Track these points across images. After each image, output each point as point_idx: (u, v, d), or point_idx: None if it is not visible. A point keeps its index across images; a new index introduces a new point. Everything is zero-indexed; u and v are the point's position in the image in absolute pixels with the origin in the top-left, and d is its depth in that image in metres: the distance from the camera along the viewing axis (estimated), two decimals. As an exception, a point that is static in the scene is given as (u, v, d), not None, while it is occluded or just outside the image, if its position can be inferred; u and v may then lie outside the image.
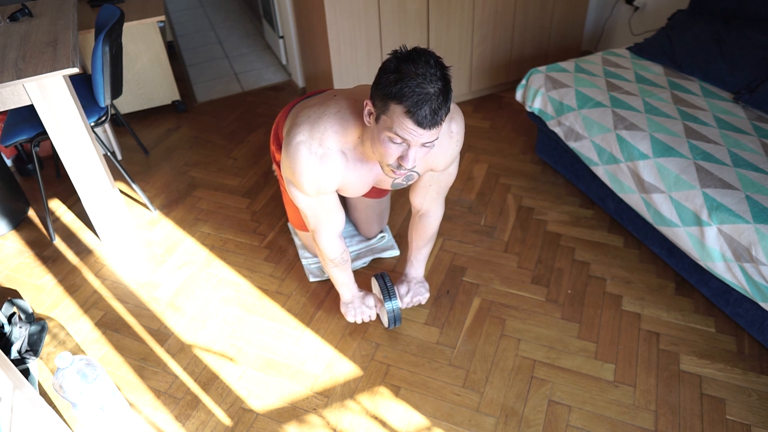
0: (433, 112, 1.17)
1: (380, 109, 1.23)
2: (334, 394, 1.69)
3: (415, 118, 1.17)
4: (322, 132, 1.39)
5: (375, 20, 2.56)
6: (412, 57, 1.17)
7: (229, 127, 3.01)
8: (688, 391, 1.63)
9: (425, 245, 1.81)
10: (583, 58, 2.39)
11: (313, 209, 1.56)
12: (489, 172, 2.55)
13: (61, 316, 1.99)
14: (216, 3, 4.76)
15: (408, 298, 1.85)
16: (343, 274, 1.76)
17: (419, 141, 1.22)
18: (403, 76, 1.16)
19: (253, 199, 2.48)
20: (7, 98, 1.82)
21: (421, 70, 1.16)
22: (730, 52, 2.14)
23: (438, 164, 1.53)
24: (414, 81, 1.15)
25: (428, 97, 1.15)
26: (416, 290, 1.86)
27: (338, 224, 1.62)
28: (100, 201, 2.15)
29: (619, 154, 1.94)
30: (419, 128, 1.19)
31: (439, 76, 1.17)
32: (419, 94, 1.15)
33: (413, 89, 1.15)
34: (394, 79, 1.17)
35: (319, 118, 1.41)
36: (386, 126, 1.22)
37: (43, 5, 2.36)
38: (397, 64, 1.18)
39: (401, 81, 1.16)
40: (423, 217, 1.75)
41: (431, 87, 1.16)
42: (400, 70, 1.17)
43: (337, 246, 1.66)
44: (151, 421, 1.65)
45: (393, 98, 1.18)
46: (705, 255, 1.68)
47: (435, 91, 1.16)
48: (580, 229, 2.21)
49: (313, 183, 1.44)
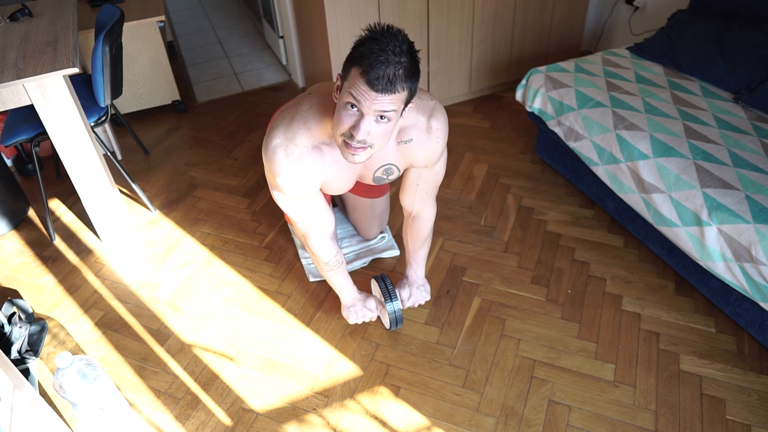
0: (388, 77, 1.16)
1: (344, 75, 1.25)
2: (334, 394, 1.69)
3: (368, 77, 1.17)
4: (295, 131, 1.40)
5: (375, 20, 2.56)
6: (385, 33, 1.20)
7: (229, 127, 3.01)
8: (688, 391, 1.63)
9: (422, 246, 1.80)
10: (583, 58, 2.39)
11: (301, 213, 1.55)
12: (489, 172, 2.55)
13: (61, 316, 1.99)
14: (216, 3, 4.76)
15: (410, 301, 1.84)
16: (339, 278, 1.75)
17: (371, 106, 1.19)
18: (368, 42, 1.19)
19: (253, 199, 2.48)
20: (7, 98, 1.82)
21: (390, 44, 1.17)
22: (730, 52, 2.14)
23: (418, 160, 1.52)
24: (377, 45, 1.17)
25: (386, 60, 1.16)
26: (417, 292, 1.85)
27: (328, 227, 1.61)
28: (100, 201, 2.15)
29: (619, 154, 1.94)
30: (371, 90, 1.17)
31: (405, 51, 1.18)
32: (377, 57, 1.16)
33: (373, 50, 1.17)
34: (360, 43, 1.20)
35: (293, 118, 1.41)
36: (345, 92, 1.23)
37: (43, 5, 2.36)
38: (369, 35, 1.20)
39: (365, 45, 1.19)
40: (415, 218, 1.74)
41: (394, 58, 1.17)
42: (369, 39, 1.19)
43: (329, 249, 1.65)
44: (151, 421, 1.65)
45: (354, 62, 1.20)
46: (705, 255, 1.68)
47: (396, 60, 1.17)
48: (580, 229, 2.21)
49: (294, 185, 1.44)
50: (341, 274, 1.75)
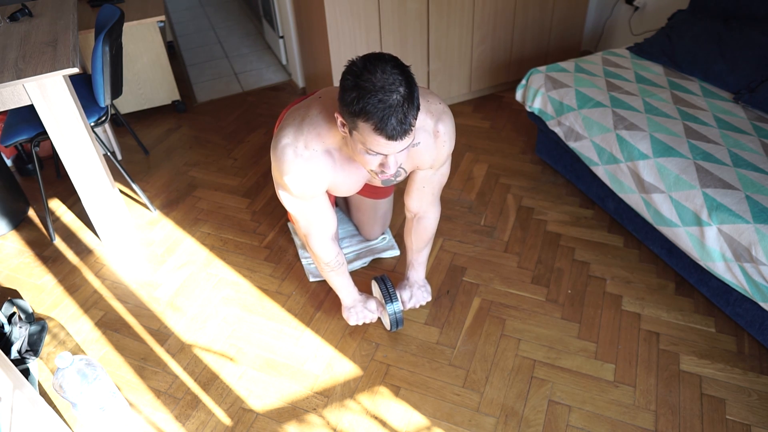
0: (400, 122, 1.15)
1: (350, 124, 1.22)
2: (334, 394, 1.69)
3: (385, 133, 1.16)
4: (306, 134, 1.39)
5: (375, 20, 2.56)
6: (368, 68, 1.15)
7: (229, 127, 3.01)
8: (688, 391, 1.63)
9: (425, 247, 1.80)
10: (583, 58, 2.39)
11: (304, 213, 1.55)
12: (489, 172, 2.55)
13: (61, 316, 1.99)
14: (216, 3, 4.76)
15: (411, 303, 1.83)
16: (340, 278, 1.75)
17: (395, 151, 1.22)
18: (363, 93, 1.14)
19: (253, 199, 2.48)
20: (7, 98, 1.82)
21: (380, 80, 1.14)
22: (730, 52, 2.14)
23: (424, 162, 1.52)
24: (375, 96, 1.13)
25: (392, 109, 1.14)
26: (419, 293, 1.84)
27: (330, 228, 1.61)
28: (100, 201, 2.15)
29: (619, 154, 1.94)
30: (391, 141, 1.18)
31: (400, 81, 1.15)
32: (383, 109, 1.13)
33: (375, 105, 1.13)
34: (356, 97, 1.15)
35: (303, 120, 1.41)
36: (360, 140, 1.22)
37: (43, 5, 2.36)
38: (355, 81, 1.16)
39: (363, 98, 1.14)
40: (421, 219, 1.73)
41: (394, 97, 1.14)
42: (360, 86, 1.15)
43: (330, 249, 1.65)
44: (151, 421, 1.65)
45: (358, 116, 1.17)
46: (705, 255, 1.68)
47: (398, 99, 1.14)
48: (580, 229, 2.21)
49: (301, 185, 1.44)
50: (342, 275, 1.74)
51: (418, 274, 1.85)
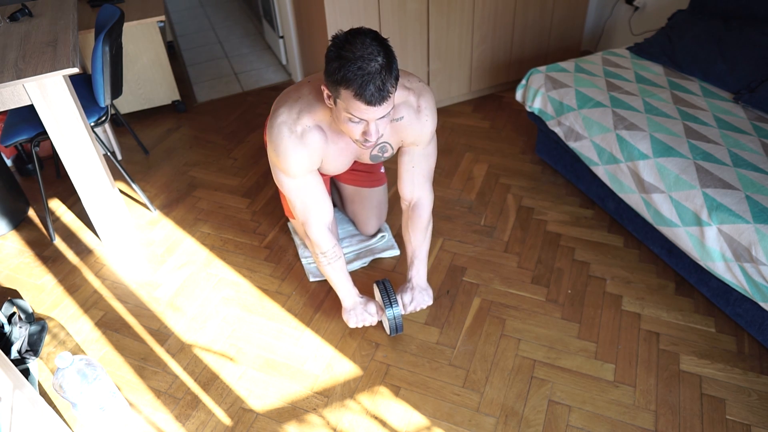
0: (379, 88, 1.24)
1: (334, 94, 1.32)
2: (334, 394, 1.69)
3: (363, 98, 1.25)
4: (298, 112, 1.49)
5: (375, 20, 2.56)
6: (349, 40, 1.25)
7: (229, 127, 3.01)
8: (688, 391, 1.63)
9: (423, 239, 1.79)
10: (583, 58, 2.39)
11: (300, 195, 1.61)
12: (489, 172, 2.55)
13: (61, 316, 1.99)
14: (216, 3, 4.76)
15: (411, 306, 1.80)
16: (338, 274, 1.75)
17: (374, 117, 1.31)
18: (344, 62, 1.24)
19: (253, 199, 2.48)
20: (7, 98, 1.82)
21: (360, 50, 1.23)
22: (730, 52, 2.14)
23: (408, 136, 1.61)
24: (355, 64, 1.23)
25: (371, 75, 1.23)
26: (420, 296, 1.82)
27: (327, 214, 1.66)
28: (100, 201, 2.15)
29: (619, 154, 1.94)
30: (370, 106, 1.27)
31: (379, 51, 1.24)
32: (362, 76, 1.23)
33: (355, 72, 1.23)
34: (338, 66, 1.25)
35: (295, 101, 1.51)
36: (343, 108, 1.32)
37: (43, 5, 2.36)
38: (337, 51, 1.25)
39: (344, 67, 1.24)
40: (415, 206, 1.75)
41: (372, 65, 1.23)
42: (341, 56, 1.24)
43: (328, 237, 1.69)
44: (151, 421, 1.65)
45: (340, 84, 1.26)
46: (705, 255, 1.68)
47: (377, 67, 1.24)
48: (580, 229, 2.21)
49: (296, 161, 1.51)
50: (340, 271, 1.75)
51: (420, 274, 1.83)
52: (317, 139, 1.52)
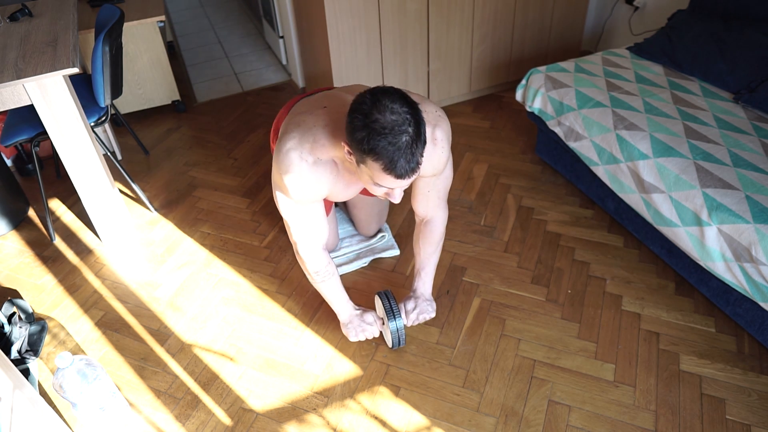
0: (409, 162, 1.18)
1: (358, 158, 1.24)
2: (334, 394, 1.69)
3: (394, 173, 1.19)
4: (311, 143, 1.40)
5: (375, 20, 2.56)
6: (377, 107, 1.16)
7: (229, 127, 3.01)
8: (688, 391, 1.63)
9: (434, 252, 1.75)
10: (583, 58, 2.39)
11: (298, 218, 1.54)
12: (489, 172, 2.55)
13: (61, 316, 1.99)
14: (216, 3, 4.76)
15: (414, 315, 1.76)
16: (331, 290, 1.71)
17: (401, 186, 1.27)
18: (372, 134, 1.16)
19: (253, 199, 2.48)
20: (7, 98, 1.82)
21: (389, 121, 1.15)
22: (730, 52, 2.14)
23: (426, 171, 1.54)
24: (384, 138, 1.15)
25: (401, 151, 1.16)
26: (423, 307, 1.77)
27: (322, 237, 1.61)
28: (100, 201, 2.15)
29: (619, 154, 1.94)
30: (399, 180, 1.21)
31: (408, 119, 1.17)
32: (392, 151, 1.16)
33: (385, 147, 1.15)
34: (365, 137, 1.17)
35: (309, 129, 1.41)
36: (367, 173, 1.25)
37: (43, 5, 2.36)
38: (364, 120, 1.17)
39: (372, 139, 1.16)
40: (429, 222, 1.72)
41: (403, 138, 1.16)
42: (369, 126, 1.16)
43: (320, 258, 1.63)
44: (151, 421, 1.65)
45: (367, 155, 1.19)
46: (705, 255, 1.68)
47: (407, 140, 1.16)
48: (580, 229, 2.21)
49: (302, 189, 1.44)
50: (333, 287, 1.71)
51: (426, 284, 1.79)
52: (328, 171, 1.44)
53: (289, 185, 1.43)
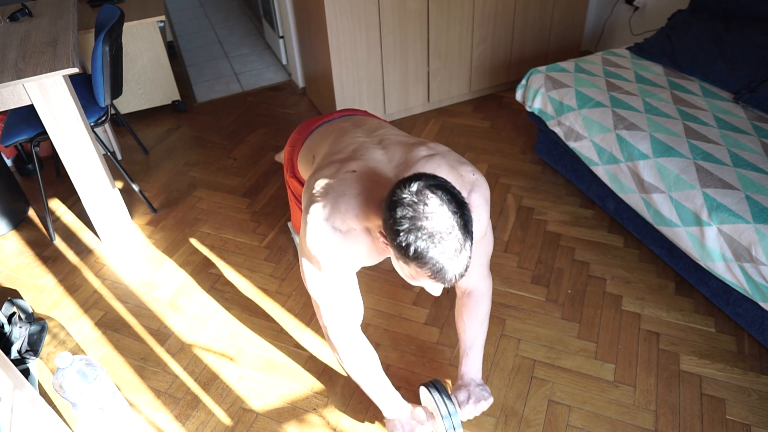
0: (458, 268, 1.06)
1: (397, 256, 1.10)
2: (334, 394, 1.69)
3: (441, 281, 1.07)
4: (344, 213, 1.25)
5: (375, 20, 2.56)
6: (423, 207, 1.04)
7: (229, 127, 3.01)
8: (688, 391, 1.63)
9: (480, 327, 1.53)
10: (583, 58, 2.39)
11: (331, 295, 1.35)
12: (489, 172, 2.55)
13: (61, 316, 1.99)
14: (216, 3, 4.76)
15: (470, 407, 1.46)
16: (374, 380, 1.45)
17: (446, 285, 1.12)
18: (418, 239, 1.03)
19: (253, 199, 2.48)
20: (7, 98, 1.82)
21: (436, 225, 1.03)
22: (730, 52, 2.14)
23: None
24: (433, 247, 1.03)
25: (451, 260, 1.04)
26: (478, 394, 1.48)
27: (357, 315, 1.41)
28: (100, 201, 2.15)
29: (619, 154, 1.94)
30: (447, 284, 1.09)
31: (458, 222, 1.05)
32: (441, 260, 1.04)
33: (434, 257, 1.03)
34: (410, 242, 1.04)
35: (339, 197, 1.26)
36: (408, 271, 1.11)
37: (43, 5, 2.36)
38: (409, 224, 1.04)
39: (418, 246, 1.03)
40: (471, 293, 1.52)
41: (452, 243, 1.03)
42: (414, 231, 1.03)
43: (357, 341, 1.41)
44: (151, 421, 1.65)
45: (412, 260, 1.06)
46: (705, 255, 1.68)
47: (457, 246, 1.04)
48: (580, 229, 2.21)
49: (336, 261, 1.28)
50: (376, 375, 1.45)
51: (475, 368, 1.53)
52: (363, 240, 1.28)
53: (321, 258, 1.27)
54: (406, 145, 1.39)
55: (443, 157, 1.33)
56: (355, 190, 1.26)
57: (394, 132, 1.51)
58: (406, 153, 1.35)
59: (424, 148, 1.36)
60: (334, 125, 1.62)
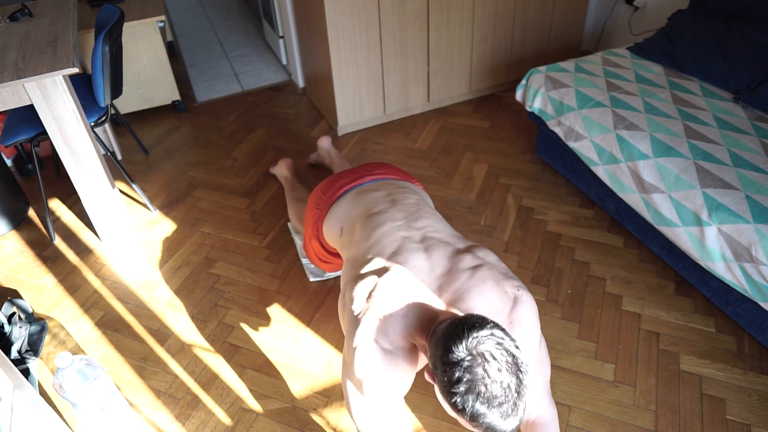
0: (511, 427, 1.00)
1: (451, 409, 1.03)
2: (334, 394, 1.69)
3: None
4: (391, 335, 1.18)
5: (375, 20, 2.56)
6: (483, 366, 0.98)
7: (229, 127, 3.01)
8: (688, 391, 1.63)
9: None
10: (583, 58, 2.39)
11: (378, 425, 1.25)
12: (489, 172, 2.55)
13: (61, 316, 1.99)
14: (216, 3, 4.76)
15: None
16: None
17: None
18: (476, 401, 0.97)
19: (253, 199, 2.48)
20: (7, 98, 1.82)
21: (495, 386, 0.97)
22: (730, 52, 2.14)
23: None
24: (491, 411, 0.97)
25: (505, 421, 0.98)
26: None
27: None
28: (100, 201, 2.15)
29: (619, 154, 1.94)
30: None
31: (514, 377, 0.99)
32: (495, 423, 0.98)
33: (492, 421, 0.97)
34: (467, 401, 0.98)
35: (386, 319, 1.19)
36: (457, 418, 1.04)
37: (43, 5, 2.36)
38: (467, 384, 0.97)
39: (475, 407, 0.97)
40: (536, 424, 1.36)
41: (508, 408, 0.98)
42: (472, 391, 0.97)
43: None
44: (151, 421, 1.65)
45: (467, 418, 0.99)
46: (705, 255, 1.68)
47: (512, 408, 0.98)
48: (580, 229, 2.21)
49: (385, 385, 1.19)
50: None
51: None
52: (411, 358, 1.20)
53: (371, 383, 1.18)
54: (451, 249, 1.31)
55: (489, 271, 1.25)
56: (402, 310, 1.19)
57: (438, 226, 1.41)
58: (451, 262, 1.27)
59: (470, 256, 1.28)
60: (364, 194, 1.53)
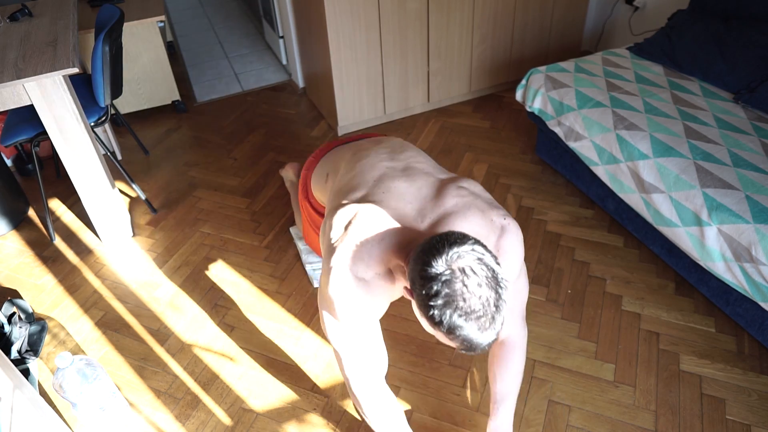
0: (488, 340, 1.02)
1: (427, 323, 1.05)
2: (334, 394, 1.69)
3: (471, 352, 1.04)
4: (367, 261, 1.19)
5: (375, 20, 2.56)
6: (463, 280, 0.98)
7: (229, 127, 3.01)
8: (688, 391, 1.63)
9: (514, 380, 1.43)
10: (583, 58, 2.39)
11: (353, 346, 1.28)
12: (489, 172, 2.55)
13: (61, 316, 1.99)
14: (216, 3, 4.76)
15: None
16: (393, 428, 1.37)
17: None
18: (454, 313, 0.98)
19: (253, 199, 2.48)
20: (7, 98, 1.82)
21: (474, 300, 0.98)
22: (730, 52, 2.14)
23: None
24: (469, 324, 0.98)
25: (483, 333, 1.00)
26: None
27: (381, 365, 1.34)
28: (100, 201, 2.15)
29: (619, 154, 1.94)
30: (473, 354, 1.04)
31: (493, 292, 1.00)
32: (475, 335, 1.00)
33: (468, 333, 0.99)
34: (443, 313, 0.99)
35: (362, 245, 1.19)
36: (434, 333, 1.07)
37: (43, 5, 2.36)
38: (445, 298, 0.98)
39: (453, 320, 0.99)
40: (503, 344, 1.42)
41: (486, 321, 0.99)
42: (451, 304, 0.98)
43: (381, 393, 1.33)
44: (151, 421, 1.65)
45: (444, 331, 1.01)
46: (705, 255, 1.68)
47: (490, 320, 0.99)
48: (580, 229, 2.21)
49: (359, 310, 1.22)
50: (399, 426, 1.38)
51: (505, 424, 1.44)
52: (387, 285, 1.22)
53: (344, 308, 1.20)
54: (435, 179, 1.30)
55: (474, 199, 1.25)
56: (379, 236, 1.19)
57: (421, 158, 1.40)
58: (434, 189, 1.27)
59: (453, 186, 1.27)
60: (351, 144, 1.54)
